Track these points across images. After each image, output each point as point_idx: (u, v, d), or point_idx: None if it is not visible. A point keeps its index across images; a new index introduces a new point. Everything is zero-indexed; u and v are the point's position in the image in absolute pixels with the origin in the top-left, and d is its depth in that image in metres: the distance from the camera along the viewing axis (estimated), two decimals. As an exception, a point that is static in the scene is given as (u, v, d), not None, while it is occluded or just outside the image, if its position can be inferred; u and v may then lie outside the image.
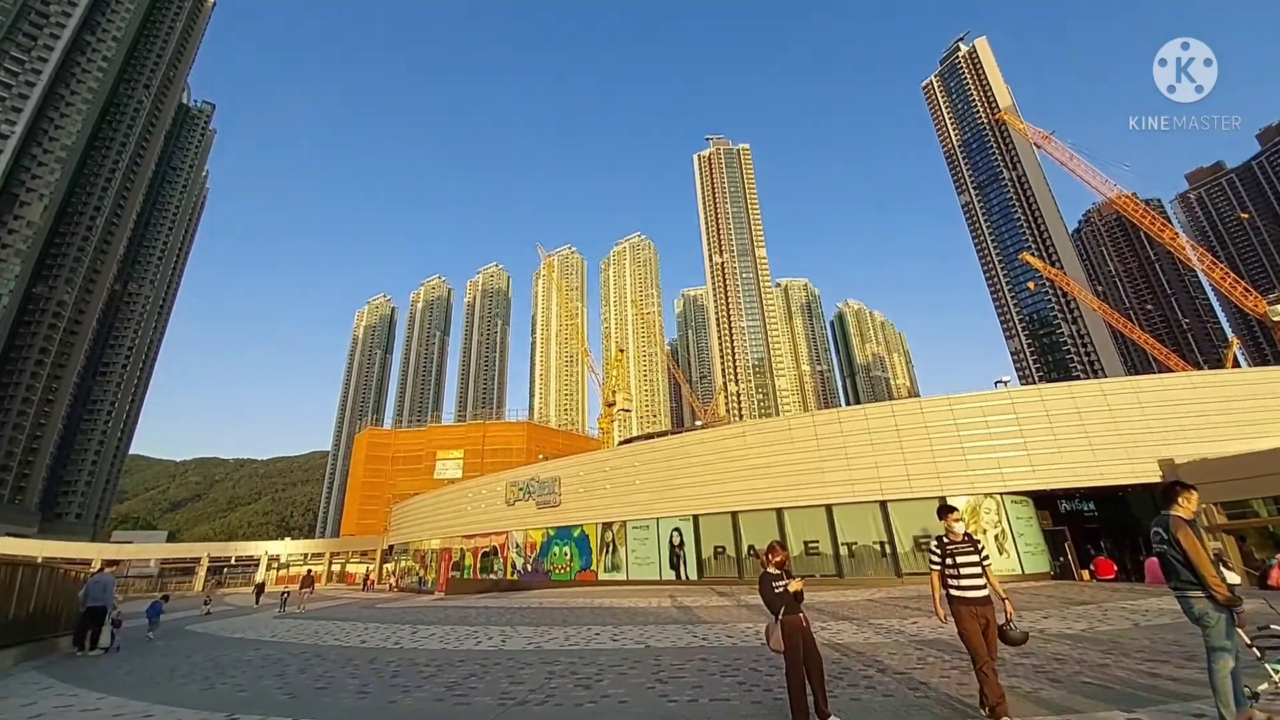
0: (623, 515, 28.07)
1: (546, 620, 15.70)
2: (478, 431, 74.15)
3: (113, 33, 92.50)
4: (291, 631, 17.08)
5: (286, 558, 65.63)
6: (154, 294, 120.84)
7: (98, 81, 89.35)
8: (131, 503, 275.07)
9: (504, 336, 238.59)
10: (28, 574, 13.28)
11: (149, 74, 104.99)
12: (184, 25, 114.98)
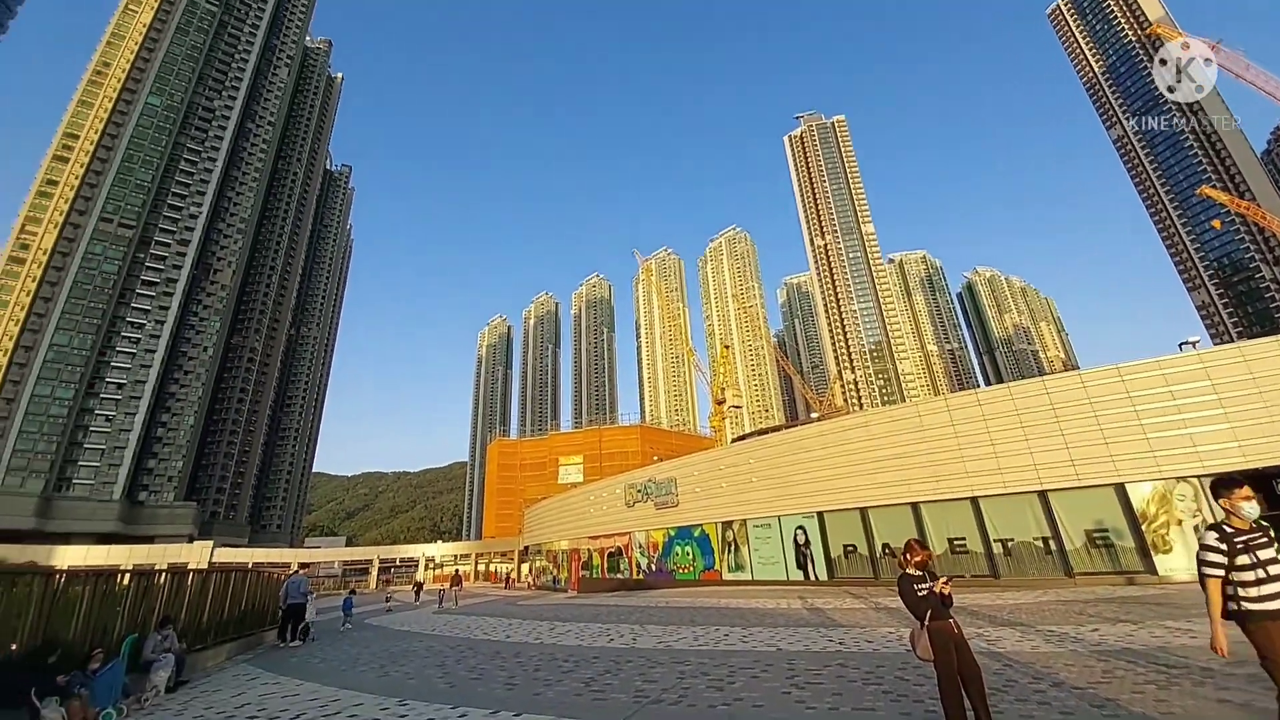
0: (742, 514, 27.57)
1: (674, 620, 15.84)
2: (594, 437, 77.20)
3: (267, 118, 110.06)
4: (447, 626, 18.93)
5: (440, 558, 73.16)
6: (319, 335, 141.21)
7: (261, 161, 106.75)
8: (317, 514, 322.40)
9: (610, 344, 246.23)
10: (239, 578, 16.07)
11: (299, 148, 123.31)
12: (320, 103, 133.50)
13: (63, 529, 68.34)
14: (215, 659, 13.73)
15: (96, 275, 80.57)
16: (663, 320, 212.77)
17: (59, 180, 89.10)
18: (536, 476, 78.08)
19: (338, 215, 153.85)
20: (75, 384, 75.14)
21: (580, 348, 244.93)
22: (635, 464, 58.76)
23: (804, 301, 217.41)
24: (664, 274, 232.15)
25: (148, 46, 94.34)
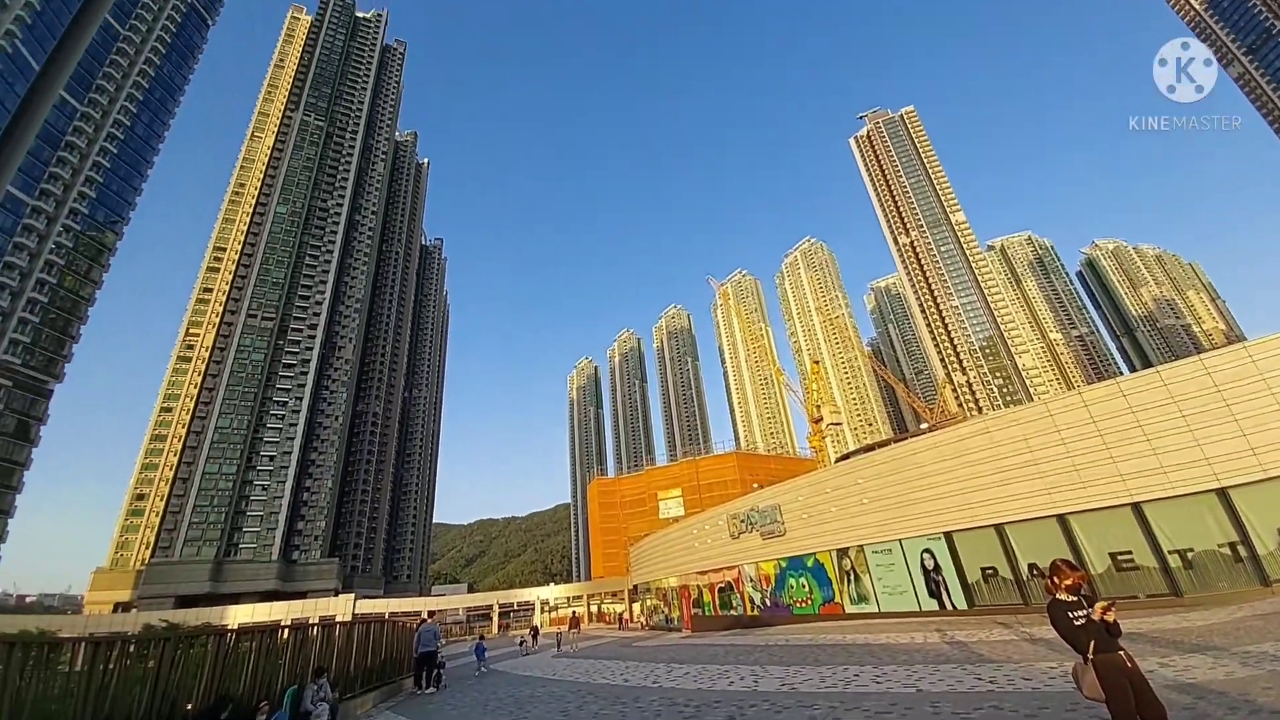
0: (856, 539, 25.77)
1: (796, 659, 14.94)
2: (690, 468, 76.34)
3: (370, 208, 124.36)
4: (567, 670, 19.14)
5: (554, 601, 74.68)
6: (429, 395, 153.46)
7: (368, 246, 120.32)
8: (440, 562, 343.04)
9: (695, 373, 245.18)
10: (378, 628, 17.35)
11: (398, 230, 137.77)
12: (412, 188, 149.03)
13: (233, 589, 77.94)
14: (363, 707, 14.80)
15: (248, 364, 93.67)
16: (746, 343, 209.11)
17: (213, 287, 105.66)
18: (637, 513, 78.22)
19: (435, 285, 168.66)
20: (237, 460, 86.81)
21: (667, 380, 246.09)
22: (735, 493, 57.19)
23: (896, 305, 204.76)
24: (741, 296, 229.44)
25: (272, 165, 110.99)
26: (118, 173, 75.18)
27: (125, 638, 10.64)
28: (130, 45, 78.37)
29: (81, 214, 69.63)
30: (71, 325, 68.72)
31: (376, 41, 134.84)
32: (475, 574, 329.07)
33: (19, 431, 62.89)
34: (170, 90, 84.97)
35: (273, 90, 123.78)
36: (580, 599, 74.14)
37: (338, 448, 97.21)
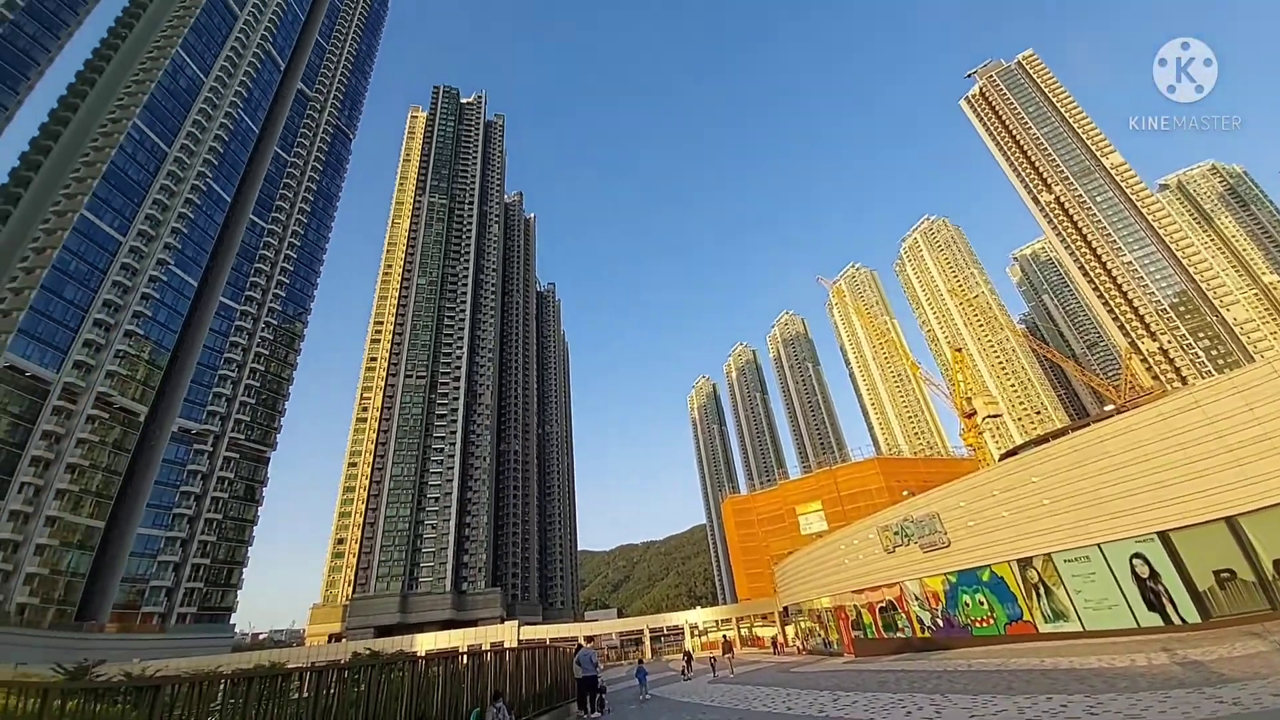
0: (1040, 546, 22.37)
1: (984, 686, 13.20)
2: (827, 479, 72.06)
3: (490, 266, 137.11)
4: (726, 696, 18.71)
5: (702, 625, 73.78)
6: (559, 429, 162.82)
7: (493, 301, 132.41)
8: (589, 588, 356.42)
9: (818, 378, 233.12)
10: (541, 654, 18.36)
11: (516, 281, 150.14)
12: (524, 243, 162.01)
13: (417, 619, 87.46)
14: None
15: (410, 419, 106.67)
16: (870, 340, 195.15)
17: (376, 356, 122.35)
18: (776, 530, 75.22)
19: (552, 327, 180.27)
20: (410, 503, 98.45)
21: (788, 389, 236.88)
22: (881, 502, 52.85)
23: (1048, 272, 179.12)
24: (858, 291, 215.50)
25: (410, 245, 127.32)
26: (299, 273, 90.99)
27: (338, 665, 12.41)
28: (296, 168, 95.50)
29: (276, 310, 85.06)
30: (278, 402, 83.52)
31: (479, 120, 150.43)
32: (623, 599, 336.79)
33: (247, 494, 77.13)
34: (329, 199, 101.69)
35: (404, 181, 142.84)
36: (729, 622, 72.44)
37: (489, 485, 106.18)
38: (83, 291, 60.51)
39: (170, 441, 67.33)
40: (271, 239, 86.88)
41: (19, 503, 52.54)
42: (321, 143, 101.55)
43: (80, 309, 60.07)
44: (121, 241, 65.05)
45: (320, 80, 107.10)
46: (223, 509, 71.68)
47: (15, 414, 53.78)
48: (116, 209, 65.10)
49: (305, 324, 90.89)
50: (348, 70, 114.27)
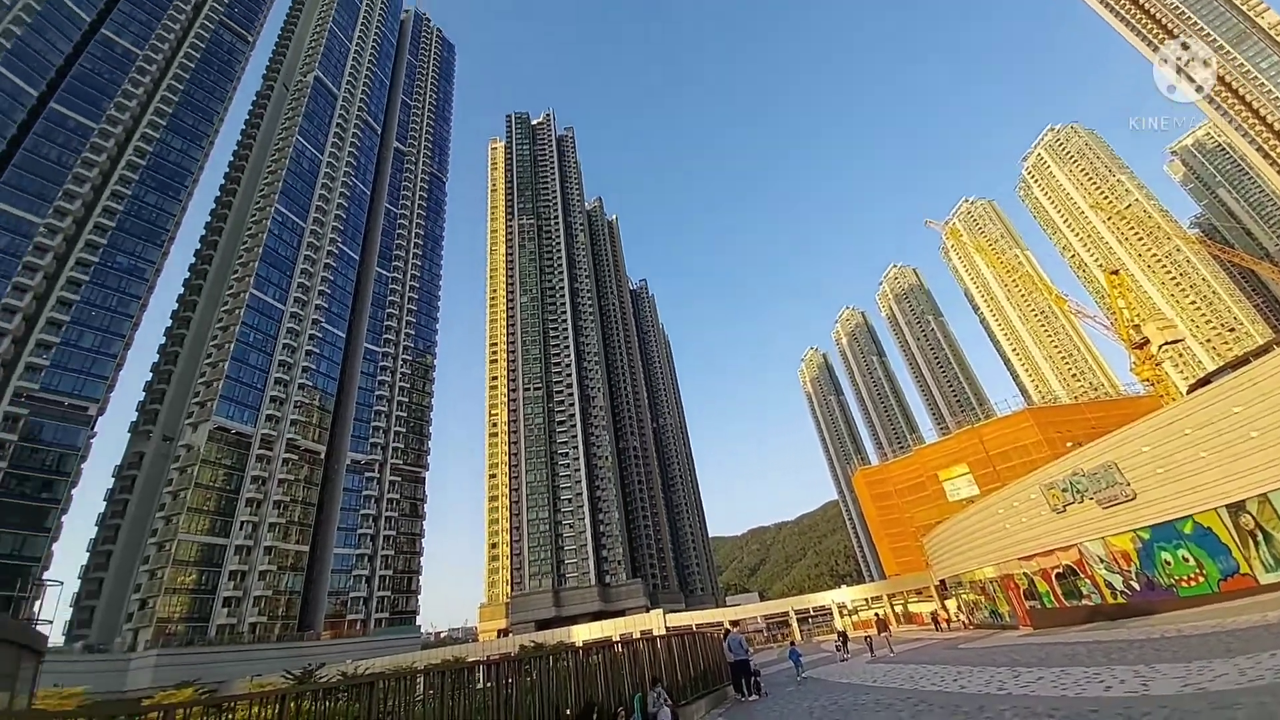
0: (1253, 486, 18.68)
1: (1198, 651, 11.37)
2: (970, 438, 65.64)
3: (583, 274, 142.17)
4: (888, 676, 17.90)
5: (851, 604, 70.92)
6: (673, 421, 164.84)
7: (590, 306, 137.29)
8: (726, 574, 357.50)
9: (943, 330, 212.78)
10: (690, 640, 18.80)
11: (609, 283, 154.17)
12: (610, 245, 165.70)
13: (570, 612, 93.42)
14: (697, 714, 16.14)
15: (534, 428, 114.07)
16: (999, 278, 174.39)
17: (497, 375, 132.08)
18: (918, 500, 69.98)
19: (651, 322, 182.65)
20: (547, 506, 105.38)
21: (909, 347, 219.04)
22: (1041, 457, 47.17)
23: (1219, 162, 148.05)
24: (976, 227, 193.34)
25: (509, 268, 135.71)
26: (422, 311, 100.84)
27: (509, 657, 13.72)
28: (404, 219, 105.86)
29: (409, 348, 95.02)
30: (424, 427, 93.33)
31: (551, 138, 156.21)
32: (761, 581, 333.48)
33: (412, 511, 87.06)
34: (435, 241, 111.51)
35: (495, 210, 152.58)
36: (879, 600, 68.85)
37: (614, 482, 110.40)
38: (262, 356, 72.10)
39: (346, 473, 78.09)
40: (395, 285, 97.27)
41: (241, 538, 63.98)
42: (421, 192, 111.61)
43: (262, 371, 71.64)
44: (283, 309, 76.54)
45: (411, 134, 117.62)
46: (395, 526, 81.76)
47: (228, 465, 65.54)
48: (275, 283, 76.68)
49: (434, 355, 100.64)
50: (431, 120, 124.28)
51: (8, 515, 50.48)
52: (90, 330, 59.82)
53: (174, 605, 56.63)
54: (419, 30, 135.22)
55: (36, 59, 62.69)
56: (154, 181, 70.41)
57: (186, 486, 60.89)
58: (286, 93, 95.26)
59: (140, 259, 66.24)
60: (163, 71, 75.93)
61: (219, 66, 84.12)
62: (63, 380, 56.68)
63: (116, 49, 71.34)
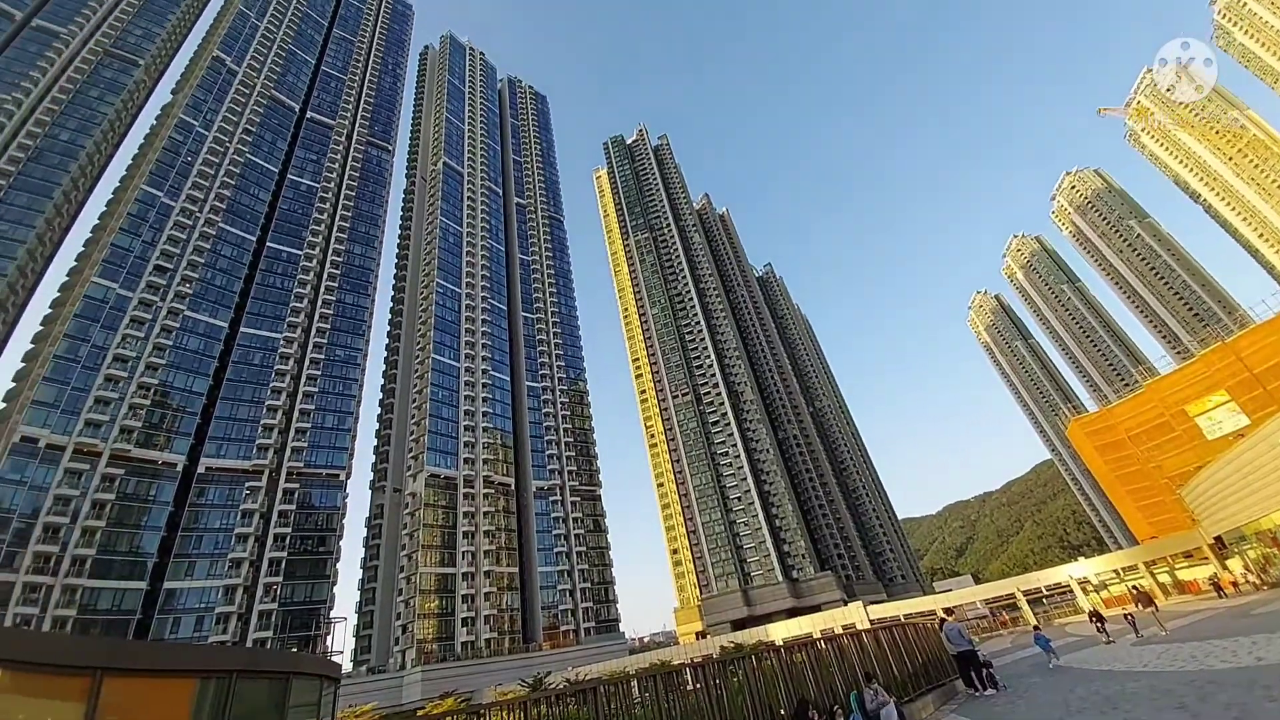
0: None
1: None
2: (1223, 357, 51.99)
3: (706, 273, 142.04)
4: (1162, 659, 14.85)
5: (1095, 577, 60.05)
6: (831, 403, 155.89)
7: (720, 302, 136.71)
8: (927, 558, 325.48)
9: (1154, 232, 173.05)
10: (900, 632, 17.44)
11: (732, 276, 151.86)
12: (727, 238, 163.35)
13: (763, 610, 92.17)
14: (924, 710, 14.90)
15: (689, 433, 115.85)
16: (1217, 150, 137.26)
17: (644, 389, 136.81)
18: (1163, 444, 56.95)
19: (784, 305, 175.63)
20: (718, 507, 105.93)
21: (1109, 262, 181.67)
22: (1346, 362, 36.11)
23: None
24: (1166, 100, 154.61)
25: (635, 285, 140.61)
26: (567, 344, 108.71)
27: (711, 659, 14.00)
28: (536, 264, 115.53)
29: (562, 378, 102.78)
30: (590, 448, 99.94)
31: (647, 152, 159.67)
32: (972, 563, 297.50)
33: (595, 526, 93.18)
34: (565, 277, 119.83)
35: (610, 234, 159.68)
36: (1134, 569, 57.20)
37: (781, 475, 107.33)
38: (450, 409, 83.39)
39: (534, 499, 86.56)
40: (540, 324, 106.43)
41: (465, 566, 73.94)
42: (545, 235, 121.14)
43: (453, 421, 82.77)
44: (458, 366, 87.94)
45: (526, 186, 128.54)
46: (584, 542, 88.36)
47: (443, 505, 76.48)
48: (448, 345, 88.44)
49: (585, 381, 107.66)
50: (540, 168, 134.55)
51: (299, 569, 64.49)
52: (329, 413, 74.56)
53: (426, 628, 67.29)
54: (514, 92, 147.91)
55: (248, 210, 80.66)
56: (349, 284, 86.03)
57: (417, 528, 72.40)
58: (425, 183, 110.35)
59: (351, 349, 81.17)
60: (335, 194, 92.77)
61: (374, 178, 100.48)
62: (318, 455, 71.26)
63: (301, 187, 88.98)
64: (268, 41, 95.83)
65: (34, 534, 49.89)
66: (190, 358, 66.24)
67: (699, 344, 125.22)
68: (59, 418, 54.48)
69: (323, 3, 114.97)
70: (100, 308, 61.00)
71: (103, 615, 51.46)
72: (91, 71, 78.22)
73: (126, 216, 67.14)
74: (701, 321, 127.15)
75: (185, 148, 76.18)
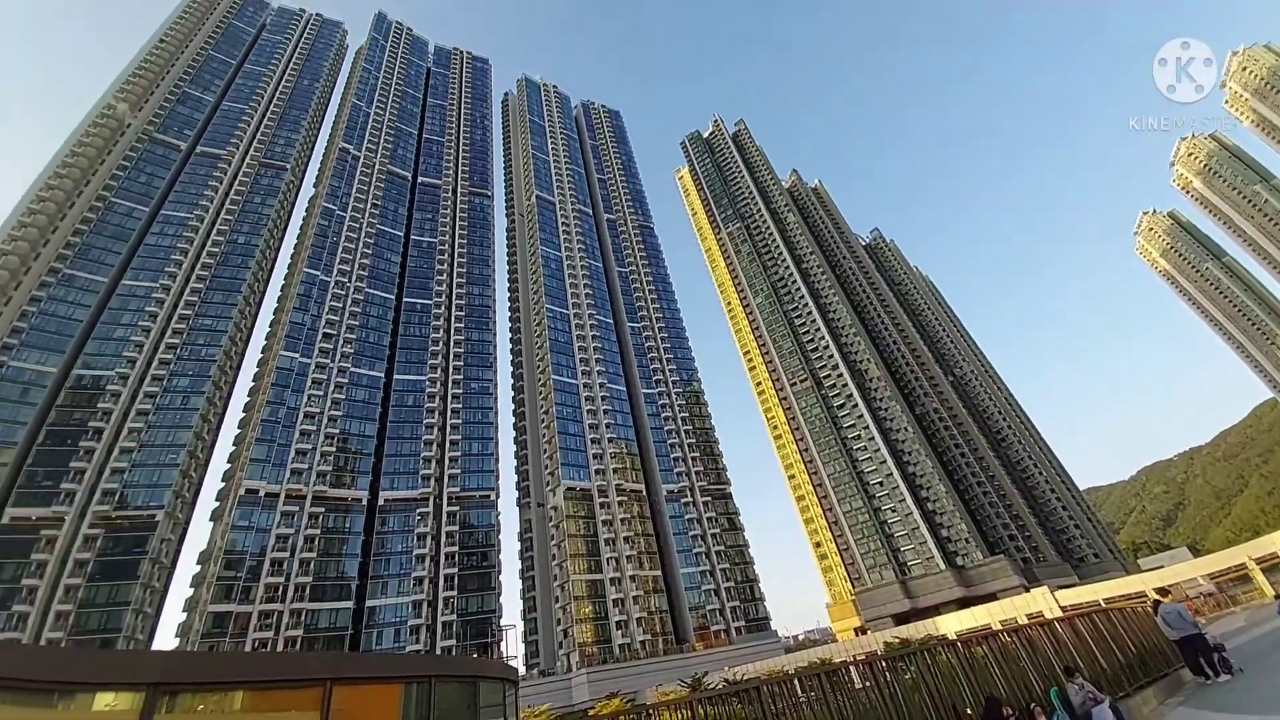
0: None
1: None
2: None
3: (807, 254, 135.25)
4: None
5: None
6: (973, 368, 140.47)
7: (827, 280, 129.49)
8: (1126, 531, 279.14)
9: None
10: (1103, 619, 15.10)
11: (835, 250, 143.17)
12: (823, 213, 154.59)
13: (929, 602, 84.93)
14: (1146, 705, 12.79)
15: (814, 420, 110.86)
16: None
17: (759, 380, 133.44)
18: None
19: (900, 270, 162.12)
20: (859, 495, 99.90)
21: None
22: None
23: None
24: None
25: (734, 276, 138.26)
26: (674, 346, 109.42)
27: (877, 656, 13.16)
28: (634, 274, 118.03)
29: (676, 381, 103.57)
30: (713, 447, 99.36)
31: (725, 141, 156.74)
32: (1186, 533, 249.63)
33: (730, 525, 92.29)
34: (663, 281, 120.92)
35: (701, 230, 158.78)
36: None
37: (925, 453, 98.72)
38: (575, 424, 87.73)
39: (665, 502, 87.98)
40: (647, 332, 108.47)
41: (611, 572, 76.97)
42: (638, 245, 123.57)
43: (579, 436, 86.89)
44: (576, 383, 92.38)
45: (613, 202, 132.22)
46: (721, 541, 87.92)
47: (582, 515, 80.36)
48: (565, 365, 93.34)
49: (699, 382, 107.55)
50: (623, 181, 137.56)
51: (469, 583, 71.35)
52: (474, 440, 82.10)
53: (584, 632, 71.08)
54: (589, 115, 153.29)
55: (385, 273, 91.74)
56: (473, 323, 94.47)
57: (563, 538, 76.96)
58: (523, 218, 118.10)
59: (483, 380, 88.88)
60: (450, 245, 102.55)
61: (479, 223, 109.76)
62: (469, 480, 78.66)
63: (423, 244, 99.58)
64: (378, 124, 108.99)
65: (263, 569, 60.55)
66: (360, 406, 76.75)
67: (810, 326, 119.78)
68: (271, 469, 65.81)
69: (416, 77, 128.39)
70: (289, 375, 72.93)
71: (322, 633, 60.96)
72: (252, 182, 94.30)
73: (296, 296, 79.79)
74: (809, 302, 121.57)
75: (330, 229, 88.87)
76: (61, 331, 67.96)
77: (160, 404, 68.80)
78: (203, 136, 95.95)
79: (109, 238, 77.59)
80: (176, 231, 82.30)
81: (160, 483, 64.32)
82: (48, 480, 59.21)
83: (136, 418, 66.02)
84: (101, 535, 59.00)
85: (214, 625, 55.57)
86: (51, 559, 55.50)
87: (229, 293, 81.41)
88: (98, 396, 65.60)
